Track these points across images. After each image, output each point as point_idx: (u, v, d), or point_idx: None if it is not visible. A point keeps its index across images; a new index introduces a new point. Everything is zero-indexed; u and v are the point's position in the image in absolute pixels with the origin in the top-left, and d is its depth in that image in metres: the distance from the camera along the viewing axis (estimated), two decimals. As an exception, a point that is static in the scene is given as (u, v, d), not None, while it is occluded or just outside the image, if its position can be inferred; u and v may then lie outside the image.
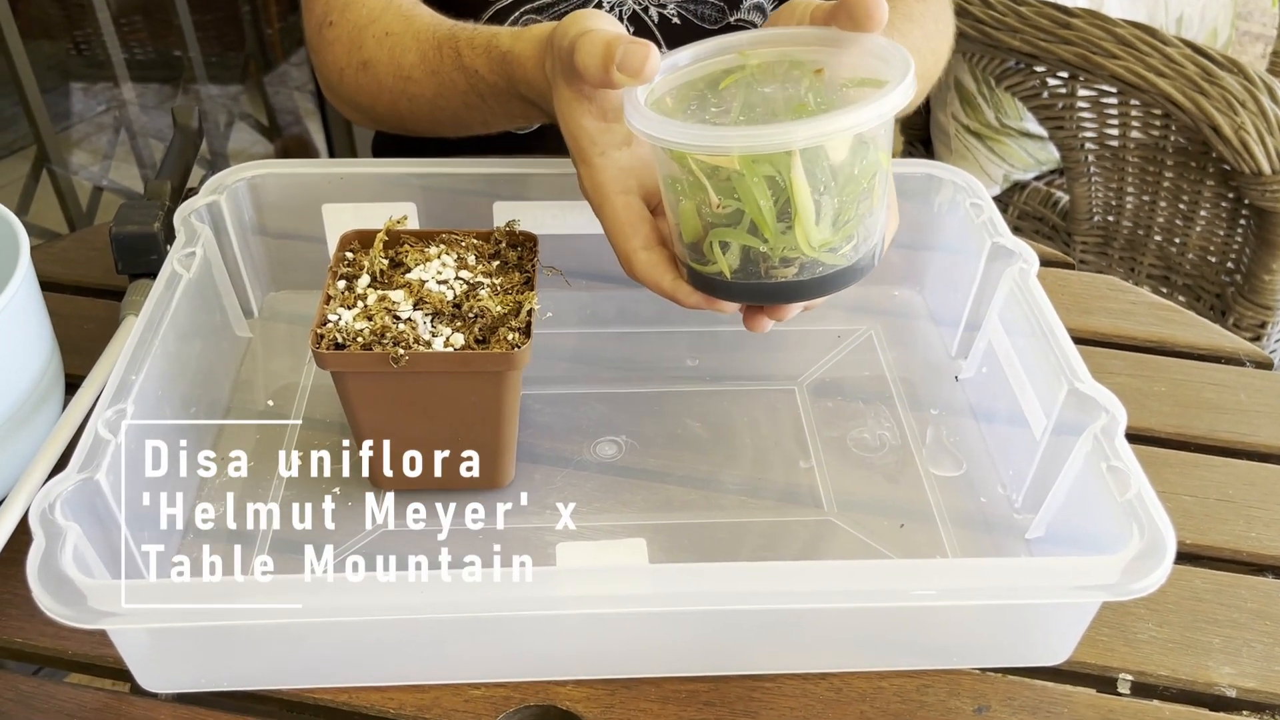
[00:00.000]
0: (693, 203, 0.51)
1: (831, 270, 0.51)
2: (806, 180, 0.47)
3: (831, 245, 0.50)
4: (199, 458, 0.60)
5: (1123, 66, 1.15)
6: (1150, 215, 1.29)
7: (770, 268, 0.50)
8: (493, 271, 0.58)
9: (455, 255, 0.59)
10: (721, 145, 0.47)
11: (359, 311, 0.55)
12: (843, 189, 0.48)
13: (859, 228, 0.50)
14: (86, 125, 2.21)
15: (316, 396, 0.65)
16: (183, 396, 0.58)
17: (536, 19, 0.82)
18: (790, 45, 0.54)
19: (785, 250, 0.49)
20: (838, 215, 0.49)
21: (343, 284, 0.57)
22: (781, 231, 0.49)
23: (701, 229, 0.51)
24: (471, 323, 0.54)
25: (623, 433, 0.63)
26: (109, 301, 0.70)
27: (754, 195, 0.48)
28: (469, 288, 0.56)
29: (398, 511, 0.58)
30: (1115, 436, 0.51)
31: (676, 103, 0.54)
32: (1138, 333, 0.72)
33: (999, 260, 0.63)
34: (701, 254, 0.52)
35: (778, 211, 0.48)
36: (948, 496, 0.60)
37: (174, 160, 0.70)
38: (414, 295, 0.55)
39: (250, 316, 0.70)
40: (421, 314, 0.55)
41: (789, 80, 0.53)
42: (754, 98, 0.53)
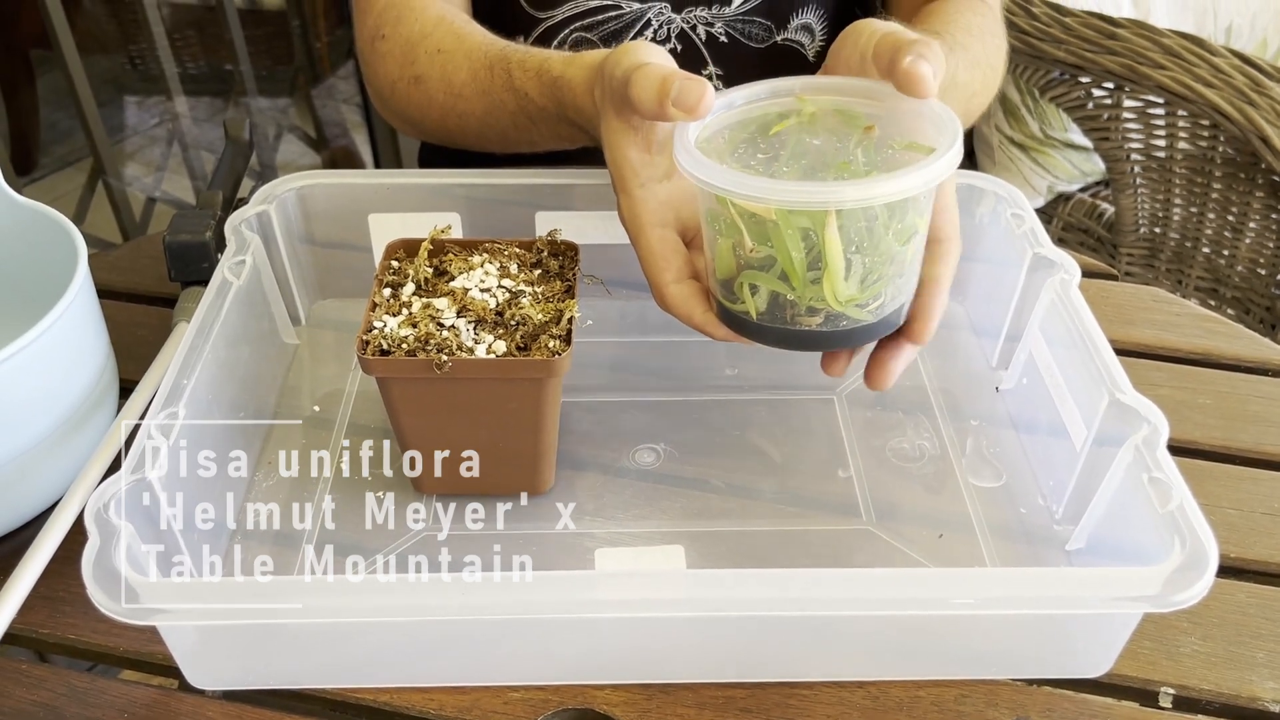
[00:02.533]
0: (729, 242, 0.52)
1: (856, 325, 0.52)
2: (840, 239, 0.48)
3: (858, 301, 0.51)
4: (247, 460, 0.61)
5: (1169, 77, 1.14)
6: (1198, 227, 1.27)
7: (796, 315, 0.52)
8: (534, 280, 0.59)
9: (498, 264, 0.59)
10: (760, 196, 0.48)
11: (404, 319, 0.56)
12: (875, 249, 0.50)
13: (887, 287, 0.51)
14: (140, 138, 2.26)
15: (361, 402, 0.66)
16: (232, 401, 0.60)
17: (586, 36, 0.83)
18: (846, 95, 0.55)
19: (812, 300, 0.51)
20: (867, 274, 0.50)
21: (388, 292, 0.58)
22: (810, 282, 0.50)
23: (735, 268, 0.52)
24: (513, 330, 0.55)
25: (661, 440, 0.63)
26: (161, 309, 0.72)
27: (787, 246, 0.49)
28: (511, 296, 0.57)
29: (440, 515, 0.59)
30: (1157, 447, 0.51)
31: (728, 142, 0.55)
32: (1182, 344, 0.71)
33: (1040, 271, 0.63)
34: (732, 292, 0.53)
35: (809, 263, 0.49)
36: (987, 507, 0.59)
37: (225, 171, 0.72)
38: (457, 303, 0.56)
39: (297, 324, 0.71)
40: (465, 321, 0.55)
41: (839, 133, 0.54)
42: (802, 147, 0.54)
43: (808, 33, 0.85)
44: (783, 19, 0.84)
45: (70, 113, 1.47)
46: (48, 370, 0.55)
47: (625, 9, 0.82)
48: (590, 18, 0.83)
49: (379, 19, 0.76)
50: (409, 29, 0.74)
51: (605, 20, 0.83)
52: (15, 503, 0.57)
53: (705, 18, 0.83)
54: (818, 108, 0.55)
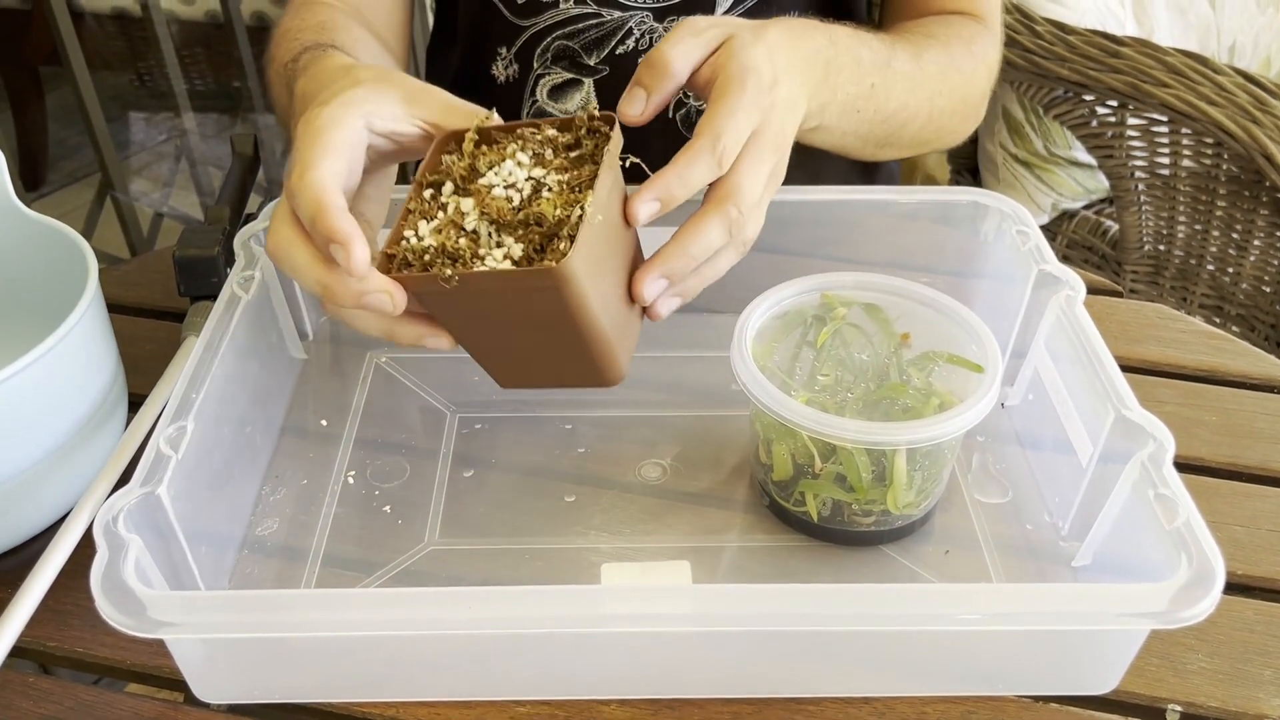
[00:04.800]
0: (786, 448, 0.56)
1: (904, 522, 0.57)
2: (907, 462, 0.54)
3: (912, 505, 0.56)
4: (255, 475, 0.61)
5: (1173, 95, 1.14)
6: (1202, 245, 1.27)
7: (852, 515, 0.57)
8: (567, 165, 0.52)
9: (530, 152, 0.53)
10: (842, 436, 0.53)
11: (438, 223, 0.51)
12: (934, 465, 0.56)
13: (935, 488, 0.57)
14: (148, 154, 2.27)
15: (369, 416, 0.66)
16: (240, 415, 0.60)
17: (568, 44, 0.84)
18: (867, 290, 0.61)
19: (869, 504, 0.56)
20: (923, 485, 0.56)
21: (429, 193, 0.53)
22: (872, 491, 0.55)
23: (793, 471, 0.57)
24: (528, 231, 0.50)
25: (668, 455, 0.63)
26: (170, 323, 0.73)
27: (858, 469, 0.54)
28: (534, 191, 0.51)
29: (446, 530, 0.59)
30: (1163, 464, 0.51)
31: (774, 337, 0.61)
32: (1188, 361, 0.71)
33: (1045, 288, 0.63)
34: (789, 492, 0.58)
35: (873, 477, 0.55)
36: (993, 523, 0.59)
37: (233, 186, 0.72)
38: (481, 203, 0.51)
39: (305, 338, 0.71)
40: (486, 224, 0.51)
41: (876, 341, 0.61)
42: (851, 362, 0.60)
43: None
44: None
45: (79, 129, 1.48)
46: (58, 384, 0.55)
47: (607, 17, 0.82)
48: (572, 25, 0.83)
49: (286, 10, 0.79)
50: (288, 23, 0.75)
51: (586, 28, 0.83)
52: (24, 516, 0.57)
53: None
54: (845, 305, 0.61)
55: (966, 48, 0.76)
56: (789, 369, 0.60)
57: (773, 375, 0.58)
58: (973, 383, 0.57)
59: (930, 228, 0.72)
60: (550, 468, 0.63)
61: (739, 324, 0.58)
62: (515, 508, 0.60)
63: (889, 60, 0.68)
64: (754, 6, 0.82)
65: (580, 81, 0.86)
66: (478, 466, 0.63)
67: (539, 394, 0.68)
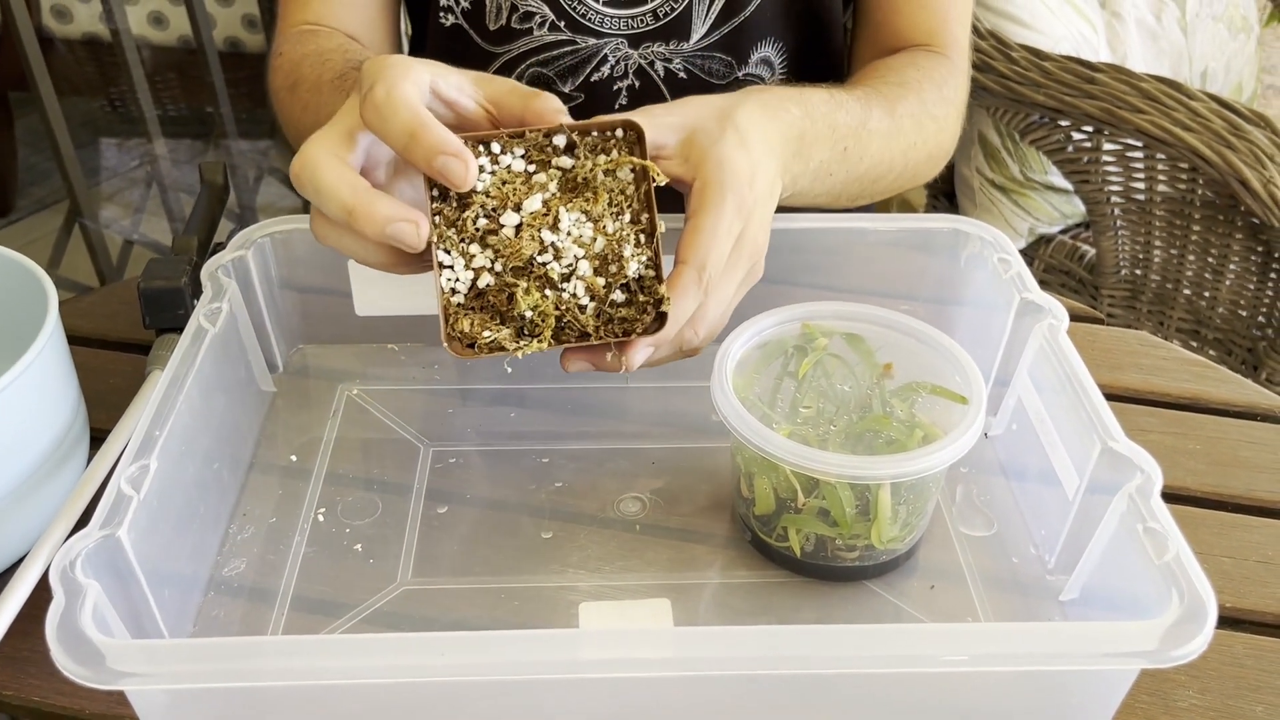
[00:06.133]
0: (768, 482, 0.55)
1: (888, 557, 0.56)
2: (891, 496, 0.53)
3: (896, 540, 0.55)
4: (222, 513, 0.59)
5: (1148, 121, 1.15)
6: (1179, 269, 1.28)
7: (836, 550, 0.55)
8: (598, 213, 0.52)
9: (549, 188, 0.52)
10: (826, 470, 0.51)
11: (477, 267, 0.51)
12: (918, 499, 0.55)
13: (919, 522, 0.56)
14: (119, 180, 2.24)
15: (340, 450, 0.65)
16: (206, 452, 0.58)
17: (542, 71, 0.83)
18: (847, 320, 0.60)
19: (853, 539, 0.55)
20: (907, 519, 0.55)
21: (451, 210, 0.51)
22: (856, 526, 0.54)
23: (775, 505, 0.55)
24: (605, 264, 0.51)
25: (647, 489, 0.62)
26: (135, 356, 0.71)
27: (841, 503, 0.53)
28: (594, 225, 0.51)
29: (419, 569, 0.57)
30: (1151, 496, 0.50)
31: (755, 368, 0.59)
32: (1171, 389, 0.71)
33: (1027, 316, 0.63)
34: (771, 527, 0.56)
35: (857, 512, 0.54)
36: (979, 557, 0.58)
37: (201, 216, 0.71)
38: (517, 258, 0.51)
39: (275, 371, 0.70)
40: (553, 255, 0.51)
41: (859, 371, 0.60)
42: (833, 394, 0.59)
43: (768, 66, 0.85)
44: (743, 54, 0.83)
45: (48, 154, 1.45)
46: (14, 422, 0.53)
47: (581, 44, 0.82)
48: (546, 53, 0.83)
49: (283, 38, 0.80)
50: (306, 48, 0.76)
51: (560, 56, 0.82)
52: (-21, 558, 0.55)
53: (663, 54, 0.82)
54: (826, 335, 0.60)
55: (939, 92, 0.76)
56: (770, 400, 0.59)
57: (753, 407, 0.56)
58: (956, 414, 0.56)
59: (910, 255, 0.72)
60: (526, 503, 0.61)
61: (719, 355, 0.57)
62: (490, 545, 0.59)
63: (864, 121, 0.68)
64: (729, 33, 0.82)
65: None
66: (451, 502, 0.61)
67: (514, 426, 0.66)
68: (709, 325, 0.54)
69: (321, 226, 0.52)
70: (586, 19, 0.81)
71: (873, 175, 0.70)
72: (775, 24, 0.84)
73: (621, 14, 0.81)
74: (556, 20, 0.81)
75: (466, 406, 0.68)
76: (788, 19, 0.84)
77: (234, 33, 2.11)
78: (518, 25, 0.82)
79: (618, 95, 0.84)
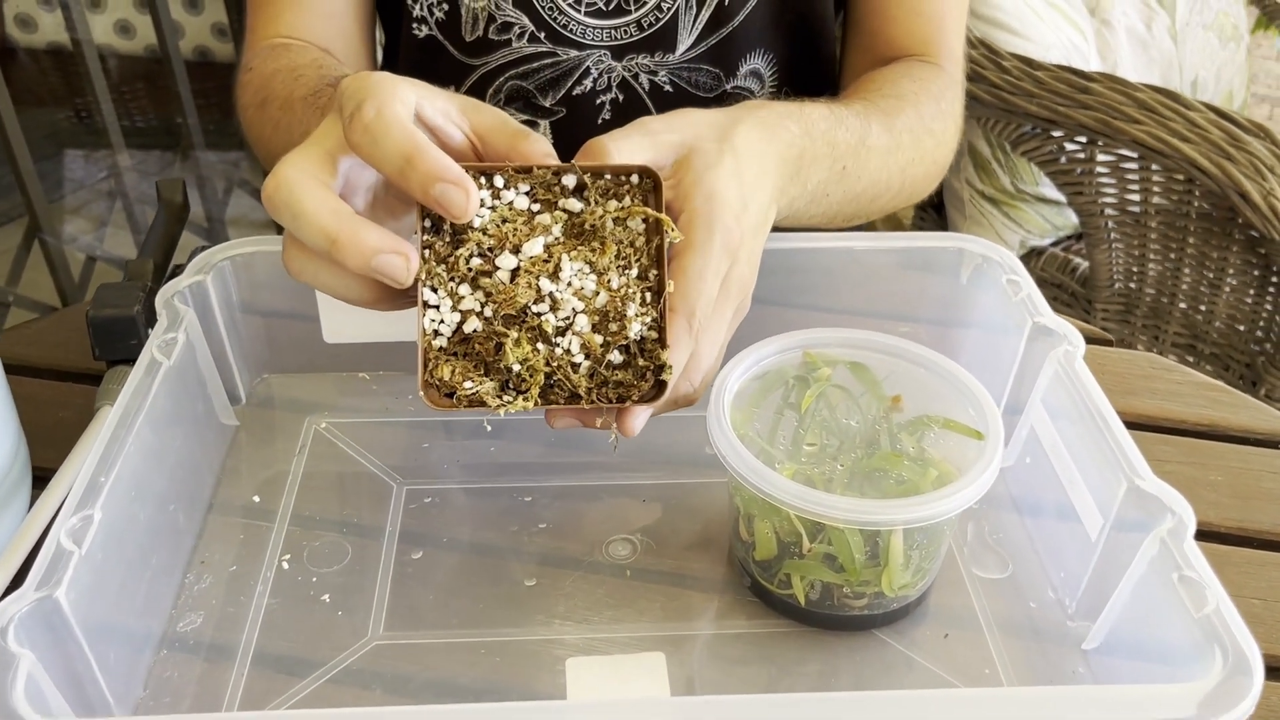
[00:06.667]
0: (770, 525, 0.51)
1: (899, 604, 0.52)
2: (904, 541, 0.50)
3: (908, 586, 0.52)
4: (176, 562, 0.55)
5: (1144, 131, 1.12)
6: (1174, 282, 1.25)
7: (843, 598, 0.52)
8: (605, 265, 0.47)
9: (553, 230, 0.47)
10: (834, 516, 0.48)
11: (465, 310, 0.46)
12: (931, 543, 0.51)
13: (932, 566, 0.52)
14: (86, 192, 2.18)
15: (307, 489, 0.60)
16: (160, 494, 0.54)
17: (522, 84, 0.79)
18: (851, 348, 0.57)
19: (862, 586, 0.51)
20: (920, 564, 0.51)
21: (443, 244, 0.47)
22: (864, 572, 0.50)
23: (777, 550, 0.51)
24: (605, 321, 0.47)
25: (637, 530, 0.58)
26: (88, 387, 0.66)
27: (850, 549, 0.49)
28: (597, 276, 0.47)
29: (392, 621, 0.53)
30: (1184, 540, 0.46)
31: (753, 400, 0.55)
32: (1187, 415, 0.67)
33: (1040, 341, 0.59)
34: (772, 573, 0.52)
35: (867, 558, 0.50)
36: (994, 601, 0.55)
37: (157, 238, 0.66)
38: (517, 312, 0.47)
39: (237, 403, 0.65)
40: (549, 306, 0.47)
41: (865, 403, 0.56)
42: (837, 428, 0.55)
43: (757, 79, 0.81)
44: (731, 66, 0.80)
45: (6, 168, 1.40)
46: (-54, 467, 0.49)
47: (562, 56, 0.78)
48: (525, 65, 0.79)
49: (252, 52, 0.76)
50: (277, 63, 0.72)
51: (541, 68, 0.78)
52: (-92, 617, 0.50)
53: (648, 66, 0.78)
54: (828, 364, 0.56)
55: (936, 105, 0.73)
56: (770, 436, 0.55)
57: (751, 443, 0.52)
58: (971, 450, 0.52)
59: (911, 275, 0.68)
60: (508, 546, 0.57)
61: (715, 387, 0.53)
62: (469, 594, 0.54)
63: (863, 138, 0.64)
64: (717, 44, 0.78)
65: (535, 124, 0.82)
66: (427, 546, 0.57)
67: (494, 461, 0.62)
68: (703, 372, 0.50)
69: (296, 258, 0.47)
70: (568, 30, 0.77)
71: (870, 194, 0.67)
72: (764, 35, 0.80)
73: (604, 24, 0.77)
74: (536, 31, 0.77)
75: (443, 440, 0.63)
76: (777, 29, 0.80)
77: (203, 41, 2.06)
78: (495, 36, 0.78)
79: (601, 109, 0.80)
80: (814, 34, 0.82)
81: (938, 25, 0.78)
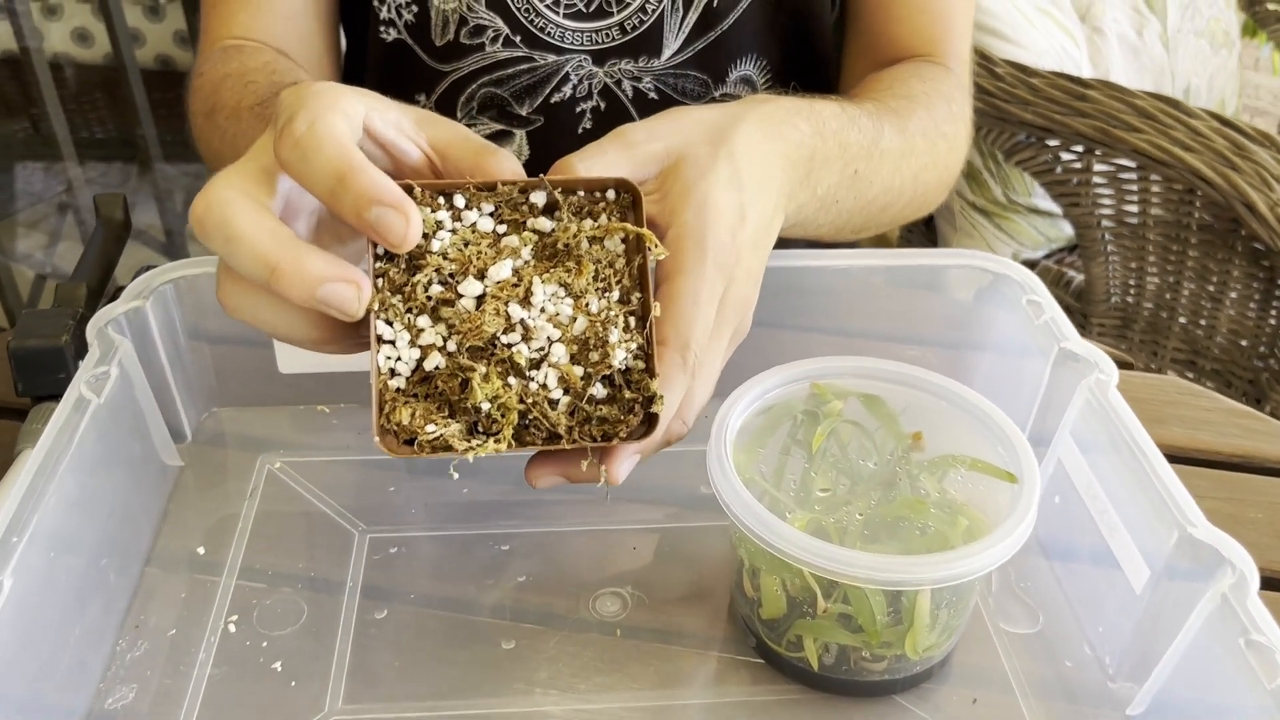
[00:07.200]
0: (778, 581, 0.46)
1: (922, 667, 0.47)
2: (931, 600, 0.45)
3: (934, 647, 0.47)
4: (108, 626, 0.49)
5: (1145, 140, 1.07)
6: (1174, 296, 1.20)
7: (860, 661, 0.46)
8: (583, 288, 0.42)
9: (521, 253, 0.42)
10: (851, 574, 0.42)
11: (425, 345, 0.41)
12: (960, 601, 0.46)
13: (960, 623, 0.47)
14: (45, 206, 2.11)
15: (259, 538, 0.54)
16: (89, 548, 0.48)
17: (496, 92, 0.74)
18: (862, 378, 0.51)
19: (881, 648, 0.46)
20: (948, 623, 0.46)
21: (398, 271, 0.41)
22: (886, 633, 0.45)
23: (786, 608, 0.46)
24: (585, 349, 0.41)
25: (628, 582, 0.52)
26: (16, 423, 0.59)
27: (872, 611, 0.44)
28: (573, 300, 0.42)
29: (352, 693, 0.47)
30: (1248, 598, 0.41)
31: (757, 438, 0.50)
32: (1220, 446, 0.62)
33: (1065, 368, 0.54)
34: (779, 633, 0.47)
35: (890, 619, 0.45)
36: (1024, 659, 0.49)
37: (93, 258, 0.60)
38: (480, 336, 0.41)
39: (182, 441, 0.59)
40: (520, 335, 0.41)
41: (880, 439, 0.50)
42: (850, 469, 0.49)
43: (748, 85, 0.76)
44: (720, 72, 0.74)
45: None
46: None
47: (540, 61, 0.72)
48: (500, 71, 0.73)
49: (204, 56, 0.72)
50: (228, 67, 0.67)
51: (517, 74, 0.73)
52: None
53: (632, 71, 0.73)
54: (839, 397, 0.50)
55: (948, 107, 0.68)
56: (777, 478, 0.49)
57: (755, 485, 0.47)
58: (1000, 493, 0.47)
59: (917, 294, 0.63)
60: (483, 603, 0.51)
61: (716, 424, 0.47)
62: (439, 659, 0.48)
63: (876, 140, 0.58)
64: (705, 49, 0.73)
65: (511, 133, 0.76)
66: (392, 603, 0.51)
67: (467, 505, 0.56)
68: (697, 410, 0.44)
69: (232, 291, 0.41)
70: (545, 33, 0.71)
71: (882, 202, 0.61)
72: (756, 38, 0.75)
73: (584, 28, 0.71)
74: (511, 35, 0.71)
75: (411, 481, 0.57)
76: (771, 32, 0.75)
77: (165, 49, 1.99)
78: (467, 40, 0.73)
79: (581, 118, 0.75)
80: (809, 36, 0.77)
81: (945, 24, 0.73)
